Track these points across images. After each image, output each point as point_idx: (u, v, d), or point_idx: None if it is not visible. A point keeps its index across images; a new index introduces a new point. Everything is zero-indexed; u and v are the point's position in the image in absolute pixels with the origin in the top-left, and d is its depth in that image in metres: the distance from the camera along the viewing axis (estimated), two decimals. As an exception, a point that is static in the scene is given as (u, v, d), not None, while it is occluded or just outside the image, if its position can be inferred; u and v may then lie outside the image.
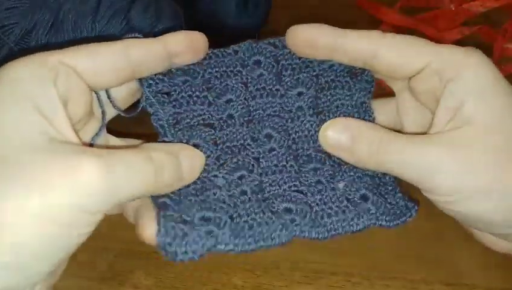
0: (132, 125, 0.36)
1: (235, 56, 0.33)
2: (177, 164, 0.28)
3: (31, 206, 0.22)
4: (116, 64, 0.28)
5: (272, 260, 0.38)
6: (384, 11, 0.59)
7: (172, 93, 0.31)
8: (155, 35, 0.30)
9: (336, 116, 0.32)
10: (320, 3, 0.62)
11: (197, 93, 0.32)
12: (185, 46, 0.30)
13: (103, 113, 0.30)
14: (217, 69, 0.32)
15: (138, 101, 0.32)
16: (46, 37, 0.40)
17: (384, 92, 0.35)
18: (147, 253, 0.39)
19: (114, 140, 0.32)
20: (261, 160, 0.31)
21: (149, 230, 0.28)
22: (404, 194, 0.30)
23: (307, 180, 0.31)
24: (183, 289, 0.36)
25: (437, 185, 0.27)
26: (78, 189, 0.23)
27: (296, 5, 0.62)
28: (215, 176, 0.30)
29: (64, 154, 0.23)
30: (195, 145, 0.31)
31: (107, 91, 0.30)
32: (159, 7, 0.43)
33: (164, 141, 0.31)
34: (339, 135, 0.30)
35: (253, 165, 0.31)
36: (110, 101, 0.30)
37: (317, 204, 0.30)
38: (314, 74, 0.33)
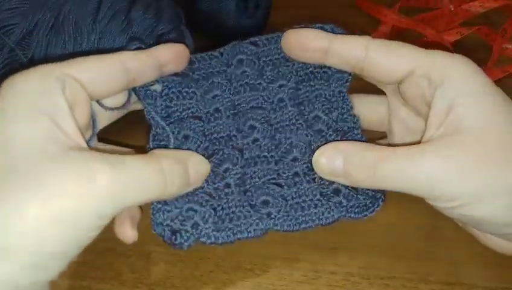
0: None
1: (221, 58, 0.35)
2: (185, 172, 0.29)
3: (50, 212, 0.23)
4: (115, 76, 0.29)
5: (272, 259, 0.38)
6: (384, 11, 0.59)
7: (164, 88, 0.34)
8: (157, 38, 0.34)
9: (315, 107, 0.34)
10: (319, 3, 0.62)
11: (186, 89, 0.34)
12: (171, 57, 0.32)
13: (94, 121, 0.32)
14: (204, 71, 0.35)
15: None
16: (47, 38, 0.40)
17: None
18: (148, 253, 0.39)
19: (104, 148, 0.33)
20: (244, 151, 0.33)
21: (129, 233, 0.31)
22: None
23: (285, 173, 0.33)
24: (184, 289, 0.37)
25: (440, 194, 0.27)
26: (92, 196, 0.24)
27: (296, 5, 0.62)
28: None
29: (78, 162, 0.24)
30: (186, 136, 0.33)
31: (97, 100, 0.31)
32: (160, 8, 0.43)
33: (157, 133, 0.33)
34: (331, 161, 0.30)
35: (237, 158, 0.33)
36: (100, 104, 0.32)
37: (292, 197, 0.32)
38: (294, 67, 0.35)
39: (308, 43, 0.32)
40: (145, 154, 0.28)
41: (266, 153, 0.33)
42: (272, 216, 0.32)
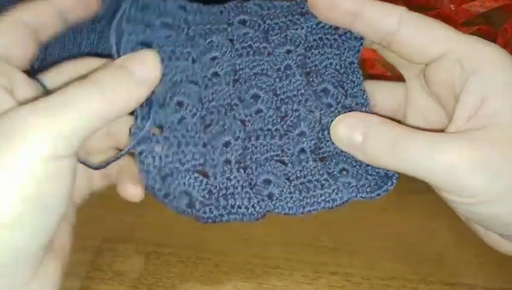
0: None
1: (220, 15, 0.32)
2: (122, 72, 0.26)
3: (13, 172, 0.21)
4: (22, 39, 0.27)
5: (272, 260, 0.38)
6: (384, 11, 0.59)
7: (154, 46, 0.30)
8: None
9: (323, 79, 0.31)
10: (320, 3, 0.62)
11: (180, 48, 0.30)
12: (72, 2, 0.29)
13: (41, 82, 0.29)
14: (201, 26, 0.31)
15: None
16: (46, 37, 0.40)
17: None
18: (147, 253, 0.39)
19: None
20: (247, 123, 0.30)
21: (131, 191, 0.29)
22: None
23: (290, 149, 0.30)
24: (183, 289, 0.36)
25: (461, 187, 0.25)
26: (32, 145, 0.22)
27: (296, 5, 0.62)
28: (201, 138, 0.29)
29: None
30: (180, 103, 0.29)
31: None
32: (159, 7, 0.43)
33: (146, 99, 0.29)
34: (351, 131, 0.28)
35: (240, 130, 0.30)
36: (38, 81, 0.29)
37: (296, 177, 0.29)
38: (303, 31, 0.32)
39: (338, 3, 0.29)
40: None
41: (270, 126, 0.30)
42: (274, 198, 0.29)
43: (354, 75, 0.32)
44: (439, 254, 0.38)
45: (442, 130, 0.28)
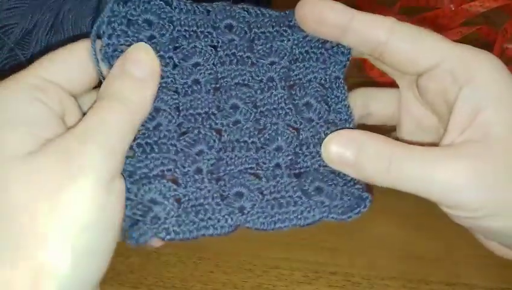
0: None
1: (207, 16, 0.31)
2: (127, 78, 0.26)
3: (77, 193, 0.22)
4: (87, 72, 0.28)
5: (272, 260, 0.38)
6: (384, 11, 0.59)
7: None
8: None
9: (307, 92, 0.31)
10: (320, 3, 0.62)
11: (162, 53, 0.29)
12: None
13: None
14: (186, 28, 0.30)
15: None
16: (47, 37, 0.40)
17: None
18: (147, 253, 0.39)
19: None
20: (223, 133, 0.30)
21: None
22: (361, 184, 0.29)
23: (265, 163, 0.30)
24: (183, 289, 0.36)
25: (462, 203, 0.25)
26: (93, 164, 0.23)
27: (295, 6, 0.62)
28: (173, 145, 0.29)
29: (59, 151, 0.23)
30: (157, 109, 0.29)
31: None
32: (159, 7, 0.43)
33: None
34: (343, 150, 0.27)
35: (214, 140, 0.29)
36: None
37: (270, 192, 0.29)
38: (289, 43, 0.31)
39: (326, 17, 0.28)
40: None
41: (247, 138, 0.30)
42: (245, 211, 0.28)
43: (339, 90, 0.31)
44: (439, 254, 0.38)
45: (436, 143, 0.28)
